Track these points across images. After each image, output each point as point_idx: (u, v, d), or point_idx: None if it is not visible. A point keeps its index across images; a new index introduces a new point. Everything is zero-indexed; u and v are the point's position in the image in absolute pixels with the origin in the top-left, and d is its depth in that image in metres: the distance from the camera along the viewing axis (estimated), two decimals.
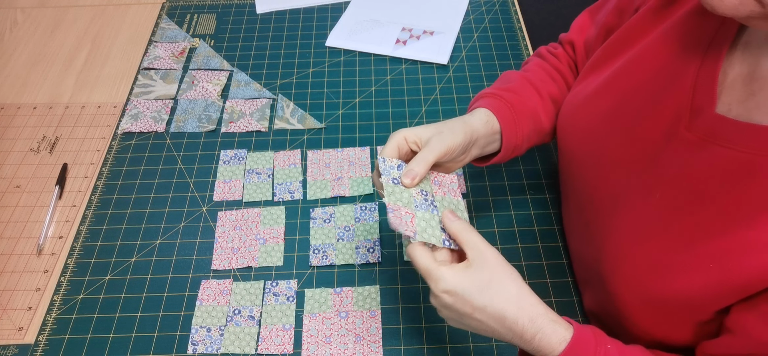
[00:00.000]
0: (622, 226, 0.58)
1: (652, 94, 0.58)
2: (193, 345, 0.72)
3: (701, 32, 0.55)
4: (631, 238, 0.56)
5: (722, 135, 0.50)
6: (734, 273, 0.48)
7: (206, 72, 1.05)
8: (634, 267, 0.55)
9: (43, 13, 1.19)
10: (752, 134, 0.48)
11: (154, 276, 0.78)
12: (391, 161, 0.62)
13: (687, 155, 0.52)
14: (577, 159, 0.68)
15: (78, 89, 1.04)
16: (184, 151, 0.93)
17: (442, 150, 0.62)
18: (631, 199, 0.58)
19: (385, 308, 0.75)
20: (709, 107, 0.52)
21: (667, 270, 0.52)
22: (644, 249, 0.54)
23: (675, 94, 0.55)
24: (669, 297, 0.53)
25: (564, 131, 0.71)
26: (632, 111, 0.60)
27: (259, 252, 0.80)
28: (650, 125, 0.57)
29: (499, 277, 0.52)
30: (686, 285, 0.51)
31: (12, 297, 0.77)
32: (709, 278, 0.49)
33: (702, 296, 0.50)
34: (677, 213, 0.52)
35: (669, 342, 0.57)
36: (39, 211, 0.86)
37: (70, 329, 0.73)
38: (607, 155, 0.62)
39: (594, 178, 0.64)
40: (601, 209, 0.62)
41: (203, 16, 1.18)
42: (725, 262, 0.48)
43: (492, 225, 0.83)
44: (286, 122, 0.97)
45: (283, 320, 0.74)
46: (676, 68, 0.56)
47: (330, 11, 1.19)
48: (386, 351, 0.71)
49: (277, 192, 0.87)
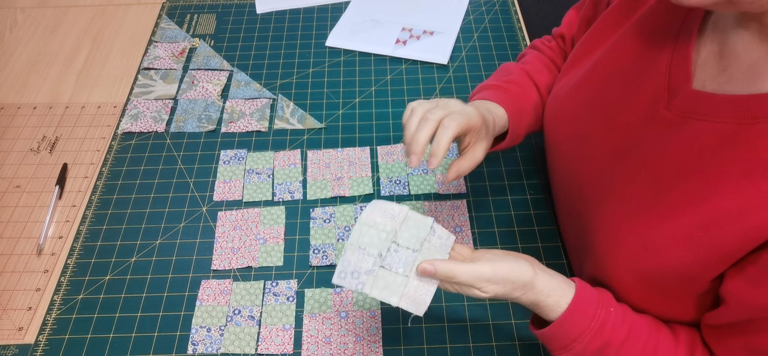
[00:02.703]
0: (611, 211, 0.59)
1: (629, 80, 0.61)
2: (193, 345, 0.72)
3: (672, 18, 0.58)
4: (621, 222, 0.58)
5: (700, 109, 0.52)
6: (720, 241, 0.49)
7: (206, 72, 1.05)
8: (627, 249, 0.56)
9: (43, 13, 1.19)
10: (728, 104, 0.50)
11: (154, 276, 0.78)
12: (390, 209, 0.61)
13: (668, 133, 0.55)
14: (564, 151, 0.70)
15: (78, 89, 1.04)
16: (184, 151, 0.93)
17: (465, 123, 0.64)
18: (618, 184, 0.59)
19: (385, 308, 0.75)
20: (685, 85, 0.54)
21: (657, 247, 0.54)
22: (635, 230, 0.56)
23: (652, 77, 0.58)
24: (663, 273, 0.54)
25: (550, 125, 0.74)
26: (612, 98, 0.62)
27: (259, 252, 0.80)
28: (630, 109, 0.60)
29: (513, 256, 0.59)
30: (677, 259, 0.52)
31: (12, 297, 0.77)
32: (697, 249, 0.51)
33: (693, 268, 0.52)
34: (662, 190, 0.54)
35: (672, 319, 0.59)
36: (39, 211, 0.86)
37: (70, 329, 0.73)
38: (592, 144, 0.64)
39: (581, 168, 0.66)
40: (591, 198, 0.64)
41: (203, 16, 1.18)
42: (711, 231, 0.50)
43: (492, 225, 0.83)
44: (286, 122, 0.97)
45: (283, 320, 0.74)
46: (651, 54, 0.59)
47: (330, 11, 1.19)
48: (386, 351, 0.71)
49: (277, 192, 0.87)
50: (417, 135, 0.62)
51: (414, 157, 0.62)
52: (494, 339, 0.72)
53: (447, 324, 0.73)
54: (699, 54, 0.55)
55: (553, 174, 0.76)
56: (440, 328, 0.73)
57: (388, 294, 0.57)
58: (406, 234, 0.60)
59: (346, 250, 0.59)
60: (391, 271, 0.58)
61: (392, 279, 0.58)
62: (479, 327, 0.73)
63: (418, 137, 0.62)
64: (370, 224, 0.60)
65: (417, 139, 0.62)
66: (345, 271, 0.58)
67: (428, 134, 0.62)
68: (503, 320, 0.74)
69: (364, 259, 0.58)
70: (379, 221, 0.61)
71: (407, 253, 0.59)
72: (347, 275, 0.58)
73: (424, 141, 0.62)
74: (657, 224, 0.54)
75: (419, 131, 0.62)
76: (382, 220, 0.61)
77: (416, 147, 0.62)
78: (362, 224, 0.60)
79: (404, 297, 0.57)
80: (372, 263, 0.58)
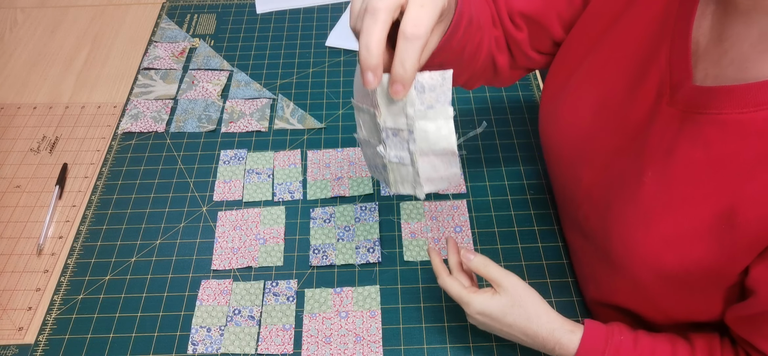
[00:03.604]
0: (623, 213, 0.58)
1: (631, 79, 0.60)
2: (193, 345, 0.72)
3: (666, 10, 0.57)
4: (637, 222, 0.57)
5: (703, 103, 0.51)
6: (742, 229, 0.49)
7: (206, 72, 1.05)
8: (647, 248, 0.56)
9: (43, 13, 1.19)
10: (730, 95, 0.50)
11: (154, 276, 0.78)
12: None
13: (673, 128, 0.54)
14: (565, 156, 0.68)
15: (78, 89, 1.04)
16: (184, 151, 0.93)
17: (438, 12, 0.45)
18: (626, 184, 0.59)
19: (385, 308, 0.75)
20: (687, 81, 0.53)
21: (679, 242, 0.53)
22: (653, 229, 0.55)
23: (653, 74, 0.57)
24: (688, 267, 0.53)
25: (547, 130, 0.71)
26: (613, 98, 0.61)
27: (259, 252, 0.80)
28: (634, 108, 0.59)
29: (520, 300, 0.61)
30: (702, 252, 0.52)
31: (12, 297, 0.77)
32: (722, 240, 0.50)
33: (719, 260, 0.51)
34: (674, 186, 0.54)
35: (696, 319, 0.58)
36: (39, 211, 0.86)
37: (70, 329, 0.73)
38: (596, 146, 0.63)
39: (585, 171, 0.65)
40: (599, 202, 0.63)
41: (203, 16, 1.18)
42: (733, 220, 0.49)
43: (492, 225, 0.83)
44: (286, 122, 0.97)
45: (283, 320, 0.74)
46: (649, 50, 0.58)
47: (330, 11, 1.19)
48: (386, 351, 0.71)
49: (277, 192, 0.87)
50: (365, 37, 0.43)
51: (369, 74, 0.43)
52: (494, 338, 0.72)
53: (447, 324, 0.73)
54: (699, 44, 0.54)
55: (556, 180, 0.74)
56: (440, 328, 0.73)
57: (412, 188, 0.47)
58: (392, 110, 0.46)
59: (361, 144, 0.51)
60: (400, 163, 0.47)
61: (405, 171, 0.47)
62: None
63: (368, 41, 0.42)
64: (359, 108, 0.48)
65: (366, 44, 0.42)
66: (371, 165, 0.50)
67: (381, 36, 0.43)
68: None
69: (374, 154, 0.49)
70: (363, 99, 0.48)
71: (404, 135, 0.46)
72: (376, 169, 0.50)
73: (377, 48, 0.42)
74: (674, 220, 0.53)
75: (367, 32, 0.43)
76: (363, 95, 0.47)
77: (369, 59, 0.42)
78: (355, 108, 0.49)
79: (428, 183, 0.47)
80: (381, 160, 0.48)
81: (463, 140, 0.46)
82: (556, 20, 0.68)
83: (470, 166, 0.90)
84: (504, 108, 0.98)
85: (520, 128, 0.95)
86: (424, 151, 0.45)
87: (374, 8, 0.42)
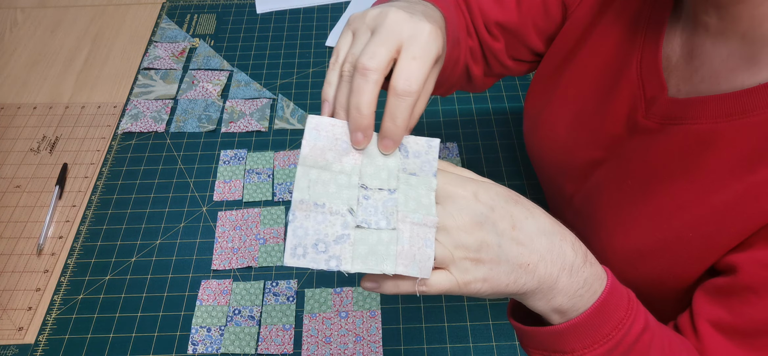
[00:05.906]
0: (603, 220, 0.59)
1: (602, 93, 0.60)
2: (193, 345, 0.72)
3: (634, 25, 0.57)
4: (613, 231, 0.57)
5: (678, 115, 0.52)
6: (713, 238, 0.49)
7: (206, 72, 1.05)
8: (623, 256, 0.56)
9: (43, 13, 1.19)
10: (703, 106, 0.50)
11: (154, 276, 0.78)
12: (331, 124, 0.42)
13: (649, 139, 0.55)
14: (550, 169, 0.69)
15: (78, 89, 1.04)
16: (184, 151, 0.93)
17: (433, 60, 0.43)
18: (606, 193, 0.59)
19: (385, 308, 0.75)
20: (661, 94, 0.54)
21: (652, 252, 0.54)
22: (629, 237, 0.56)
23: (623, 87, 0.57)
24: (660, 275, 0.54)
25: (531, 140, 0.72)
26: (590, 111, 0.62)
27: (259, 252, 0.80)
28: (610, 121, 0.59)
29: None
30: (672, 260, 0.52)
31: (12, 297, 0.77)
32: (691, 248, 0.51)
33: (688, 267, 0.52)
34: (649, 196, 0.54)
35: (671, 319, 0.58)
36: (39, 211, 0.86)
37: (70, 329, 0.73)
38: (576, 157, 0.64)
39: (568, 180, 0.66)
40: (582, 209, 0.64)
41: (203, 16, 1.18)
42: (704, 228, 0.50)
43: None
44: (286, 122, 0.97)
45: (283, 320, 0.74)
46: (619, 64, 0.58)
47: (330, 11, 1.19)
48: (386, 351, 0.71)
49: (277, 192, 0.87)
50: (356, 98, 0.41)
51: (359, 134, 0.41)
52: (494, 339, 0.72)
53: (447, 325, 0.73)
54: (670, 59, 0.54)
55: (544, 189, 0.76)
56: (440, 328, 0.73)
57: (377, 262, 0.39)
58: (370, 169, 0.42)
59: (294, 212, 0.40)
60: (371, 228, 0.40)
61: (376, 239, 0.40)
62: (479, 327, 0.73)
63: (359, 103, 0.41)
64: (320, 166, 0.41)
65: (357, 105, 0.41)
66: (302, 245, 0.39)
67: (372, 98, 0.41)
68: (503, 320, 0.74)
69: (327, 222, 0.40)
70: (329, 156, 0.42)
71: (383, 196, 0.41)
72: (307, 250, 0.39)
73: (368, 109, 0.41)
74: (649, 230, 0.54)
75: (358, 93, 0.41)
76: (334, 152, 0.42)
77: (360, 120, 0.41)
78: (307, 166, 0.41)
79: (400, 258, 0.39)
80: (342, 226, 0.40)
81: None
82: (533, 31, 0.67)
83: (470, 165, 0.90)
84: (489, 120, 0.98)
85: (505, 142, 0.94)
86: (402, 218, 0.40)
87: (365, 68, 0.41)
